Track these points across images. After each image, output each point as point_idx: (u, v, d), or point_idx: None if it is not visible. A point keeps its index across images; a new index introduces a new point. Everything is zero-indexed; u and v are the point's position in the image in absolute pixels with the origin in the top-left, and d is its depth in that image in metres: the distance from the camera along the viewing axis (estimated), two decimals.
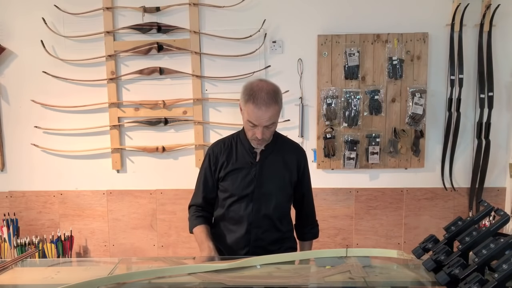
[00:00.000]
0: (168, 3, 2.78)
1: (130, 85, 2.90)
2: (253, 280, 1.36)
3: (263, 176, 1.63)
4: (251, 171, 1.63)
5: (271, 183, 1.63)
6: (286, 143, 1.73)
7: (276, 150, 1.67)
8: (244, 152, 1.65)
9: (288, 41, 2.81)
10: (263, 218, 1.64)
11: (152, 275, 1.38)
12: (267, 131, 1.55)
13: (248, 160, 1.64)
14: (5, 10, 2.87)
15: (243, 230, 1.64)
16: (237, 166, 1.64)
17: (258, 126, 1.52)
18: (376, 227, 2.92)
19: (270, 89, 1.54)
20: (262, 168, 1.63)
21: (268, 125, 1.53)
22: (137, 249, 3.01)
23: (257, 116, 1.50)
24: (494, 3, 2.65)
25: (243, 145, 1.66)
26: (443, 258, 1.33)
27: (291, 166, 1.67)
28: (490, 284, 1.08)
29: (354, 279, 1.35)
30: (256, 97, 1.50)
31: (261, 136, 1.53)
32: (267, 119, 1.51)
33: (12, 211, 2.96)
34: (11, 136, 2.98)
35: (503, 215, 1.29)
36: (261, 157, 1.64)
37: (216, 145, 1.72)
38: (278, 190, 1.64)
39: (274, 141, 1.68)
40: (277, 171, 1.64)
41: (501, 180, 2.86)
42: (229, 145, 1.69)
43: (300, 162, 1.69)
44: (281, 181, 1.65)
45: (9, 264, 1.53)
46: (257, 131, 1.53)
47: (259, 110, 1.49)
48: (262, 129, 1.53)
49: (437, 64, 2.78)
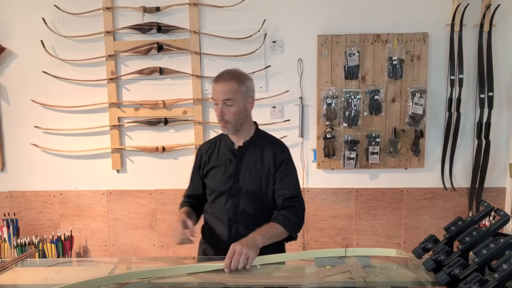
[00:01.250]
0: (168, 3, 2.78)
1: (130, 85, 2.90)
2: (253, 280, 1.36)
3: (240, 173, 1.66)
4: (229, 167, 1.67)
5: (247, 179, 1.66)
6: (265, 140, 1.73)
7: (254, 146, 1.69)
8: (225, 149, 1.71)
9: (288, 41, 2.81)
10: (241, 214, 1.66)
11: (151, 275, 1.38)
12: (227, 110, 1.59)
13: (227, 157, 1.69)
14: (5, 10, 2.87)
15: (224, 225, 1.68)
16: (217, 163, 1.70)
17: (218, 103, 1.60)
18: (376, 227, 2.92)
19: (231, 70, 1.65)
20: (239, 164, 1.67)
21: (225, 101, 1.58)
22: (137, 249, 3.01)
23: (216, 91, 1.60)
24: (494, 3, 2.65)
25: (226, 143, 1.72)
26: (443, 258, 1.33)
27: (267, 161, 1.67)
28: (490, 284, 1.08)
29: (354, 279, 1.35)
30: (216, 78, 1.63)
31: (220, 113, 1.59)
32: (223, 92, 1.57)
33: (12, 211, 2.96)
34: (11, 136, 2.98)
35: (503, 215, 1.29)
36: (238, 154, 1.68)
37: (203, 145, 1.83)
38: (254, 186, 1.66)
39: (254, 138, 1.71)
40: (253, 167, 1.66)
41: (501, 180, 2.86)
42: (214, 143, 1.77)
43: (276, 157, 1.67)
44: (257, 177, 1.66)
45: (9, 264, 1.53)
46: (218, 107, 1.60)
47: (217, 84, 1.60)
48: (221, 105, 1.59)
49: (437, 64, 2.78)
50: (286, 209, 1.62)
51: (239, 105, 1.61)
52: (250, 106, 1.69)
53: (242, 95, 1.62)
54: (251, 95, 1.68)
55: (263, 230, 1.53)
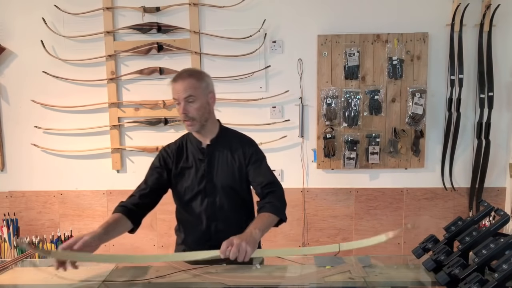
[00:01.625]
0: (168, 3, 2.78)
1: (130, 85, 2.90)
2: (253, 280, 1.37)
3: (213, 170, 1.68)
4: (201, 167, 1.68)
5: (220, 176, 1.68)
6: (232, 135, 1.76)
7: (223, 144, 1.71)
8: (193, 150, 1.71)
9: (288, 41, 2.81)
10: (219, 211, 1.67)
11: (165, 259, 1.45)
12: (190, 107, 1.60)
13: (197, 157, 1.69)
14: (5, 10, 2.87)
15: (203, 225, 1.68)
16: (188, 165, 1.70)
17: (180, 101, 1.60)
18: (376, 227, 2.92)
19: (188, 68, 1.69)
20: (210, 162, 1.69)
21: (187, 98, 1.59)
22: (137, 249, 3.01)
23: (175, 90, 1.60)
24: (494, 3, 2.65)
25: (192, 143, 1.73)
26: (443, 258, 1.33)
27: (238, 156, 1.69)
28: (490, 284, 1.08)
29: (354, 279, 1.35)
30: (175, 77, 1.63)
31: (183, 110, 1.59)
32: (183, 90, 1.58)
33: (12, 211, 2.96)
34: (11, 136, 2.98)
35: (503, 215, 1.29)
36: (208, 152, 1.69)
37: (167, 147, 1.77)
38: (229, 182, 1.68)
39: (220, 135, 1.72)
40: (225, 163, 1.69)
41: (501, 180, 2.86)
42: (179, 145, 1.75)
43: (245, 151, 1.70)
44: (230, 172, 1.68)
45: (9, 264, 1.53)
46: (180, 105, 1.60)
47: (176, 83, 1.60)
48: (183, 103, 1.59)
49: (437, 64, 2.78)
50: (268, 196, 1.64)
51: (201, 101, 1.62)
52: (212, 102, 1.68)
53: (203, 91, 1.63)
54: (212, 90, 1.68)
55: (257, 223, 1.53)
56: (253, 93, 2.83)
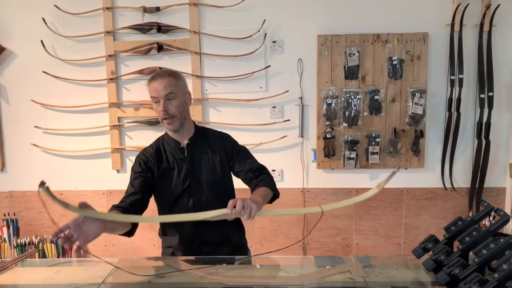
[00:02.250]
0: (168, 3, 2.78)
1: (130, 85, 2.90)
2: (253, 280, 1.37)
3: (196, 168, 1.69)
4: (183, 166, 1.69)
5: (204, 172, 1.70)
6: (208, 133, 1.79)
7: (201, 141, 1.73)
8: (172, 150, 1.71)
9: (288, 41, 2.81)
10: (206, 207, 1.64)
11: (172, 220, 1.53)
12: (170, 105, 1.61)
13: (177, 157, 1.70)
14: (5, 10, 2.87)
15: (190, 224, 1.68)
16: (169, 166, 1.70)
17: (159, 99, 1.60)
18: (376, 227, 2.92)
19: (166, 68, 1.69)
20: (192, 160, 1.70)
21: (167, 95, 1.60)
22: (137, 249, 3.01)
23: (154, 88, 1.61)
24: (494, 3, 2.65)
25: (169, 144, 1.73)
26: (443, 258, 1.33)
27: (219, 151, 1.72)
28: (490, 284, 1.08)
29: (354, 279, 1.35)
30: (153, 77, 1.64)
31: (163, 107, 1.59)
32: (163, 88, 1.59)
33: (12, 211, 2.96)
34: (11, 136, 2.98)
35: (503, 215, 1.29)
36: (189, 151, 1.70)
37: (144, 151, 1.76)
38: (213, 177, 1.70)
39: (198, 133, 1.74)
40: (206, 160, 1.71)
41: (501, 180, 2.86)
42: (157, 148, 1.74)
43: (226, 145, 1.75)
44: (213, 167, 1.71)
45: (9, 264, 1.53)
46: (160, 103, 1.60)
47: (155, 81, 1.61)
48: (163, 101, 1.60)
49: (437, 64, 2.78)
50: (260, 176, 1.68)
51: (180, 99, 1.64)
52: (188, 101, 1.70)
53: (181, 89, 1.65)
54: (188, 90, 1.71)
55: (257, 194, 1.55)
56: (253, 93, 2.83)
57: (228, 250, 1.73)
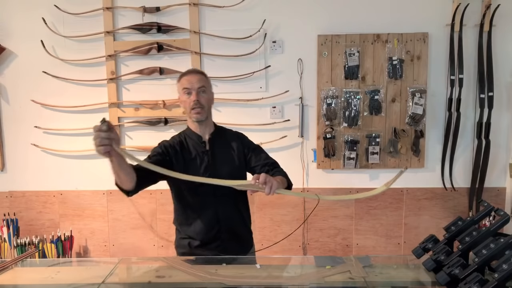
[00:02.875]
0: (168, 3, 2.78)
1: (130, 85, 2.90)
2: (253, 280, 1.37)
3: (216, 161, 1.81)
4: (204, 158, 1.81)
5: (223, 165, 1.81)
6: (227, 131, 1.94)
7: (220, 137, 1.87)
8: (194, 143, 1.84)
9: (288, 41, 2.81)
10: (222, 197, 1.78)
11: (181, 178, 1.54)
12: (202, 97, 1.77)
13: (199, 149, 1.82)
14: (5, 10, 2.87)
15: (211, 211, 1.78)
16: (192, 156, 1.81)
17: (192, 91, 1.75)
18: (376, 227, 2.92)
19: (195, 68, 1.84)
20: (213, 154, 1.82)
21: (199, 88, 1.76)
22: (137, 249, 3.01)
23: (188, 80, 1.77)
24: (494, 3, 2.65)
25: (192, 138, 1.85)
26: (443, 258, 1.33)
27: (237, 147, 1.86)
28: (490, 284, 1.08)
29: (354, 279, 1.35)
30: (187, 72, 1.83)
31: (196, 97, 1.74)
32: (197, 81, 1.76)
33: (12, 211, 2.96)
34: (11, 136, 2.98)
35: (503, 215, 1.29)
36: (210, 145, 1.83)
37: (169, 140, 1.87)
38: (231, 170, 1.81)
39: (217, 130, 1.89)
40: (226, 154, 1.84)
41: (501, 180, 2.86)
42: (180, 140, 1.85)
43: (243, 142, 1.89)
44: (232, 161, 1.84)
45: (9, 264, 1.53)
46: (193, 94, 1.75)
47: (189, 75, 1.79)
48: (196, 92, 1.75)
49: (437, 64, 2.78)
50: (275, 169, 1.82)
51: (209, 94, 1.81)
52: (213, 100, 1.87)
53: (209, 87, 1.84)
54: (212, 91, 1.88)
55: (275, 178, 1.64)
56: (253, 93, 2.83)
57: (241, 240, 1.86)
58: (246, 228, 1.92)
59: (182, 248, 1.84)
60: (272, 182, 1.49)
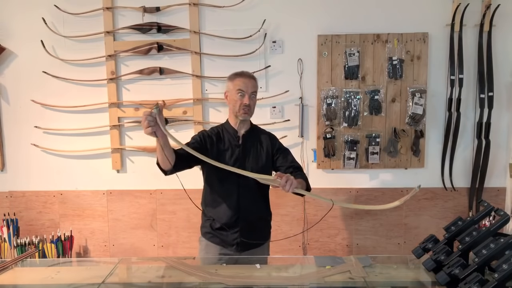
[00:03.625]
0: (168, 3, 2.78)
1: (130, 85, 2.90)
2: (253, 280, 1.37)
3: (246, 155, 2.00)
4: (235, 151, 2.00)
5: (252, 159, 2.01)
6: (260, 130, 2.14)
7: (253, 135, 2.07)
8: (229, 137, 2.04)
9: (288, 41, 2.81)
10: (248, 189, 1.97)
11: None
12: (251, 100, 1.99)
13: (233, 143, 2.02)
14: (5, 10, 2.87)
15: (233, 199, 1.98)
16: (225, 148, 2.01)
17: (245, 94, 1.96)
18: (376, 227, 2.92)
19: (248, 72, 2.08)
20: (244, 148, 2.02)
21: (253, 93, 1.98)
22: (137, 249, 3.01)
23: (245, 83, 1.97)
24: (494, 3, 2.65)
25: (228, 132, 2.05)
26: (443, 258, 1.33)
27: (266, 147, 2.06)
28: (490, 284, 1.08)
29: (354, 279, 1.35)
30: (242, 74, 2.02)
31: (248, 101, 1.96)
32: (252, 86, 1.98)
33: (12, 211, 2.96)
34: (11, 136, 2.98)
35: (503, 215, 1.29)
36: (243, 140, 2.03)
37: (208, 130, 2.08)
38: (257, 165, 2.00)
39: (253, 129, 2.09)
40: (255, 150, 2.04)
41: (501, 180, 2.86)
42: (218, 131, 2.06)
43: (273, 143, 2.09)
44: (260, 157, 2.03)
45: (9, 264, 1.53)
46: (246, 97, 1.96)
47: (246, 78, 1.99)
48: (248, 96, 1.96)
49: (437, 64, 2.78)
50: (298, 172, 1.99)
51: (255, 99, 2.04)
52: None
53: (257, 92, 2.05)
54: None
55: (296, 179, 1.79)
56: None
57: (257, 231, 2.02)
58: (264, 221, 2.09)
59: (206, 228, 2.04)
60: (293, 181, 1.66)
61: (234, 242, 1.97)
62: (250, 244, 1.98)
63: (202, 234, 2.07)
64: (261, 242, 2.04)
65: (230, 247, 1.98)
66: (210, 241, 2.02)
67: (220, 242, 2.00)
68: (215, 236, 2.00)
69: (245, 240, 1.96)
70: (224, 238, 1.98)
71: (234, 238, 1.96)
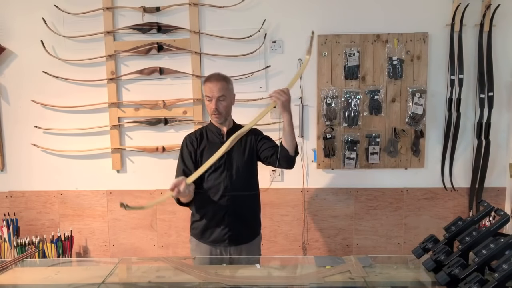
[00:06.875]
0: (168, 3, 2.78)
1: (130, 85, 2.90)
2: (253, 280, 1.37)
3: (231, 150, 2.01)
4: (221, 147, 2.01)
5: (237, 154, 2.08)
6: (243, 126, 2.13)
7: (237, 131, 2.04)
8: (213, 135, 2.12)
9: (288, 41, 2.81)
10: (235, 182, 2.04)
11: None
12: (220, 104, 2.02)
13: (217, 140, 2.09)
14: (5, 10, 2.88)
15: (219, 193, 2.03)
16: (208, 145, 2.08)
17: (212, 99, 2.00)
18: (376, 227, 2.92)
19: (219, 73, 2.09)
20: None
21: (219, 97, 2.00)
22: (137, 249, 3.01)
23: (210, 89, 2.00)
24: (494, 3, 2.65)
25: (212, 131, 2.14)
26: (443, 258, 1.33)
27: (250, 140, 2.12)
28: (490, 284, 1.08)
29: (354, 279, 1.35)
30: (210, 78, 2.05)
31: (215, 106, 2.00)
32: (217, 90, 1.99)
33: (12, 211, 2.96)
34: (11, 136, 2.98)
35: (503, 215, 1.29)
36: (227, 137, 2.03)
37: (189, 136, 2.16)
38: (242, 158, 2.08)
39: (234, 127, 2.12)
40: (239, 145, 2.07)
41: (501, 180, 2.86)
42: (200, 133, 2.14)
43: (256, 134, 2.16)
44: (244, 151, 2.10)
45: (9, 264, 1.53)
46: (213, 102, 2.00)
47: (211, 83, 2.01)
48: (215, 100, 2.00)
49: (437, 64, 2.78)
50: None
51: (227, 101, 2.05)
52: (233, 101, 2.12)
53: (230, 92, 2.07)
54: (233, 92, 2.12)
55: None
56: (253, 93, 2.83)
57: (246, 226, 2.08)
58: (253, 215, 2.15)
59: (195, 229, 2.10)
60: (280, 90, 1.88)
61: (224, 238, 2.02)
62: (240, 239, 2.04)
63: (192, 235, 2.13)
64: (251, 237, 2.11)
65: (220, 243, 2.04)
66: (201, 240, 2.08)
67: (210, 239, 2.05)
68: (205, 234, 2.06)
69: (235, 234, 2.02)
70: (214, 235, 2.03)
71: (224, 234, 2.02)
